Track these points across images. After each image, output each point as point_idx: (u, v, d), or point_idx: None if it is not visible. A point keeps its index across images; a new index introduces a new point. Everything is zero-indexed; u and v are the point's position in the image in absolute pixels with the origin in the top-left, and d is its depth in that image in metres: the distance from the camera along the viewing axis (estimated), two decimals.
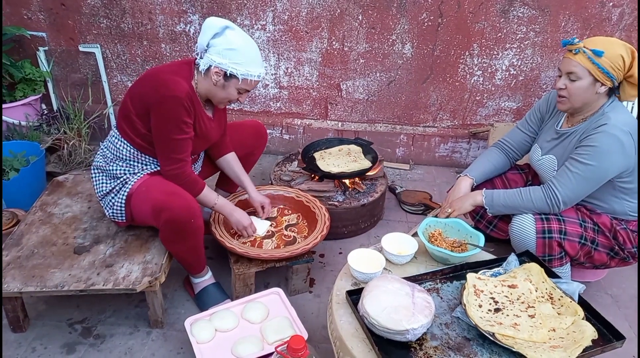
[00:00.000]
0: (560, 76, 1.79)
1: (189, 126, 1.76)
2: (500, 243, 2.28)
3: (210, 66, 1.72)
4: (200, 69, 1.75)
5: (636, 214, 1.86)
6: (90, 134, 3.01)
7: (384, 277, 1.49)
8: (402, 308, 1.36)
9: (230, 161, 2.15)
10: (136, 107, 1.77)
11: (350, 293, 1.51)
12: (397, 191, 2.88)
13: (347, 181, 2.52)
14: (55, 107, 3.16)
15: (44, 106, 3.14)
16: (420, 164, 3.28)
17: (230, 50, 1.69)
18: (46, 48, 3.03)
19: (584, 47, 1.70)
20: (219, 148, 2.13)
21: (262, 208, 2.16)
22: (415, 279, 1.58)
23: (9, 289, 1.63)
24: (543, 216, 1.80)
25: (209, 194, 1.92)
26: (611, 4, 2.68)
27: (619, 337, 1.36)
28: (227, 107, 2.06)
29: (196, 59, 1.79)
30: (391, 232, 1.75)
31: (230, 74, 1.72)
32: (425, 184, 3.06)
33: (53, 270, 1.72)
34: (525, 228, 1.80)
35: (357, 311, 1.43)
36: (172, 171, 1.80)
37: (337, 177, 2.50)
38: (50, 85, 3.11)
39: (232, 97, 1.82)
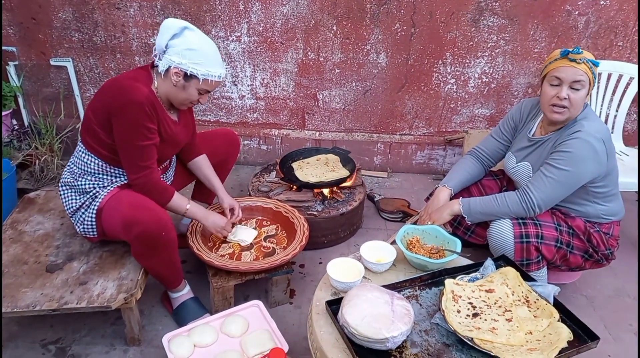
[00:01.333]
0: (557, 85, 1.76)
1: (153, 131, 1.73)
2: (477, 248, 2.31)
3: (169, 66, 1.70)
4: (159, 71, 1.73)
5: (608, 217, 1.90)
6: (63, 149, 2.96)
7: (363, 286, 1.49)
8: (381, 317, 1.36)
9: (201, 164, 2.13)
10: (98, 117, 1.73)
11: (330, 303, 1.50)
12: (375, 199, 2.89)
13: (325, 191, 2.52)
14: (26, 123, 3.09)
15: (14, 122, 3.07)
16: (398, 171, 3.31)
17: (189, 50, 1.68)
18: (16, 63, 2.97)
19: (585, 57, 1.72)
20: (189, 151, 2.10)
21: (232, 210, 2.11)
22: (395, 287, 1.58)
23: None
24: (520, 221, 1.83)
25: (179, 200, 1.88)
26: (577, 12, 2.76)
27: (594, 338, 1.38)
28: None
29: (154, 61, 1.77)
30: (370, 240, 1.76)
31: (190, 74, 1.70)
32: (403, 191, 3.08)
33: (25, 290, 1.67)
34: (503, 233, 1.83)
35: (337, 321, 1.42)
36: (138, 179, 1.76)
37: (316, 186, 2.50)
38: (20, 100, 3.04)
39: (193, 98, 1.79)
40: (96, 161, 1.80)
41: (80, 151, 1.84)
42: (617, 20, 2.77)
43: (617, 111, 2.79)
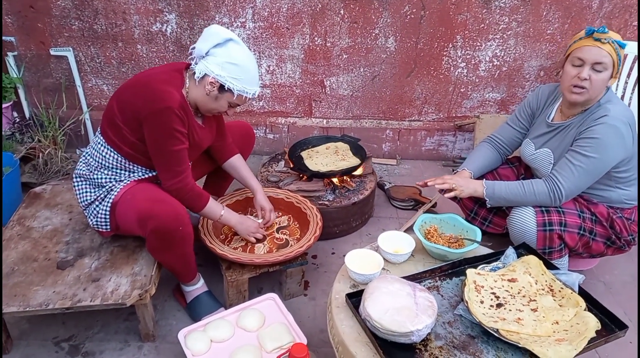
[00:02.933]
0: (579, 66, 1.70)
1: (185, 135, 1.71)
2: (493, 237, 2.26)
3: (206, 74, 1.67)
4: (195, 77, 1.69)
5: (631, 202, 1.86)
6: (66, 141, 2.90)
7: (384, 278, 1.45)
8: (404, 310, 1.32)
9: (236, 164, 2.10)
10: (124, 115, 1.69)
11: (349, 296, 1.46)
12: (386, 187, 2.85)
13: (336, 180, 2.47)
14: (27, 115, 3.03)
15: (15, 114, 3.00)
16: (407, 158, 3.26)
17: (231, 64, 1.65)
18: (15, 53, 2.90)
19: (610, 37, 1.65)
20: (223, 152, 2.08)
21: (263, 211, 2.10)
22: (415, 278, 1.55)
23: None
24: (543, 209, 1.78)
25: (215, 206, 1.87)
26: None
27: (621, 326, 1.35)
28: (222, 116, 2.01)
29: (190, 64, 1.73)
30: (382, 229, 1.73)
31: (227, 88, 1.68)
32: (413, 179, 3.03)
33: (36, 288, 1.63)
34: (525, 221, 1.78)
35: (358, 314, 1.39)
36: (174, 185, 1.73)
37: (327, 176, 2.45)
38: (21, 91, 2.97)
39: (222, 109, 1.77)
40: (116, 156, 1.76)
41: (99, 143, 1.79)
42: None
43: (632, 93, 2.73)
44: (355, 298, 1.45)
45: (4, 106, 2.84)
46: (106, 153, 1.76)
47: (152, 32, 2.85)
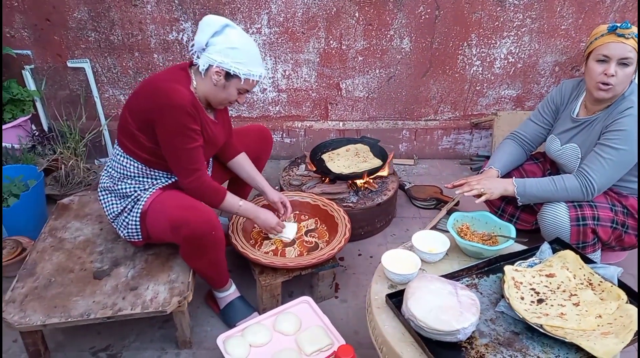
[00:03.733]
0: (604, 61, 1.72)
1: (198, 133, 1.70)
2: (521, 233, 2.25)
3: (210, 65, 1.66)
4: (199, 70, 1.68)
5: None
6: (87, 152, 2.91)
7: (423, 277, 1.45)
8: (448, 308, 1.33)
9: (242, 163, 2.09)
10: (137, 121, 1.69)
11: (390, 296, 1.47)
12: (406, 187, 2.85)
13: (358, 182, 2.48)
14: (45, 127, 3.04)
15: (33, 127, 3.02)
16: (424, 158, 3.26)
17: (232, 49, 1.63)
18: (32, 66, 2.91)
19: (633, 31, 1.67)
20: (228, 151, 2.06)
21: (283, 205, 2.08)
22: (452, 276, 1.55)
23: (32, 322, 1.54)
24: (576, 204, 1.78)
25: (232, 199, 1.86)
26: None
27: None
28: (228, 109, 1.99)
29: (192, 60, 1.72)
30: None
31: (233, 73, 1.66)
32: (432, 178, 3.04)
33: (75, 298, 1.64)
34: (558, 217, 1.78)
35: (401, 315, 1.39)
36: (191, 183, 1.73)
37: (350, 178, 2.45)
38: (39, 104, 2.99)
39: (232, 98, 1.75)
40: (135, 165, 1.76)
41: (118, 154, 1.80)
42: None
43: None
44: (395, 299, 1.45)
45: (22, 119, 2.85)
46: (126, 163, 1.77)
47: (168, 41, 2.87)
